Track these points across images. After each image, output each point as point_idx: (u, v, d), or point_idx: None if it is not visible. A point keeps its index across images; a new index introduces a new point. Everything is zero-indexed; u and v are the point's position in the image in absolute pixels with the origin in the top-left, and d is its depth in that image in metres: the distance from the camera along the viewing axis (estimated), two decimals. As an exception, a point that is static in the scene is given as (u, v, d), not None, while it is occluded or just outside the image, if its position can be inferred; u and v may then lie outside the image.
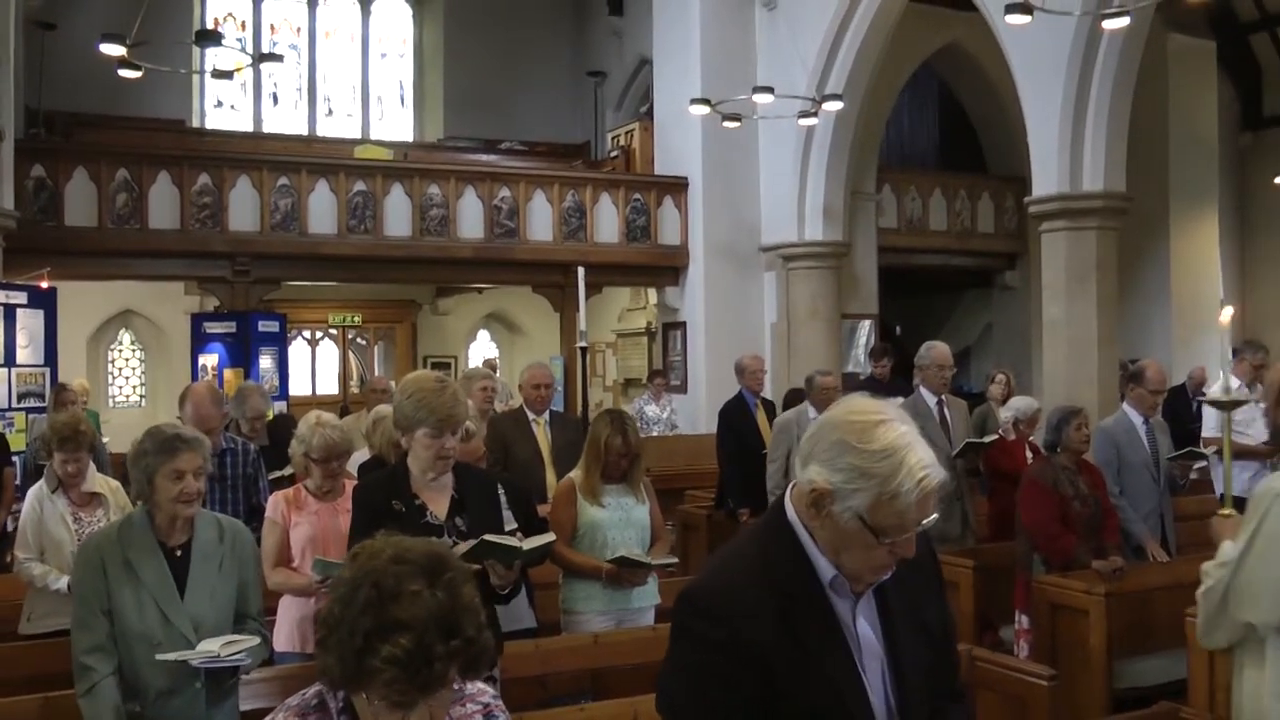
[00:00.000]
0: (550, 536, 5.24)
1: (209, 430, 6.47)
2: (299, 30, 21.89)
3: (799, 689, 2.50)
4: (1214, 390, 4.99)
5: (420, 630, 2.24)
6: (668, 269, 17.20)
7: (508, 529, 4.88)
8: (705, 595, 2.60)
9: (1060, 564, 7.29)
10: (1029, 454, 9.05)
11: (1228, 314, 4.93)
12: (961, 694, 2.93)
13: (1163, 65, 17.83)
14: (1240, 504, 9.34)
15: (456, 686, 2.41)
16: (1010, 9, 10.04)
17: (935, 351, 8.86)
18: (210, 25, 19.92)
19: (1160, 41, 17.09)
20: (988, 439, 9.25)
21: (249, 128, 20.95)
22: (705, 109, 13.93)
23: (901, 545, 2.51)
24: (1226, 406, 4.64)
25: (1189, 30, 18.39)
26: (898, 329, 19.56)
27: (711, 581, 2.66)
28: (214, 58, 17.22)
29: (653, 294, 18.41)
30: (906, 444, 2.48)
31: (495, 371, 16.58)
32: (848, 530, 2.50)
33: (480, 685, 2.65)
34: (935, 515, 2.55)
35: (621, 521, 6.13)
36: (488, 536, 4.57)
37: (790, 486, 2.66)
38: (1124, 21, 10.82)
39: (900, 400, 9.09)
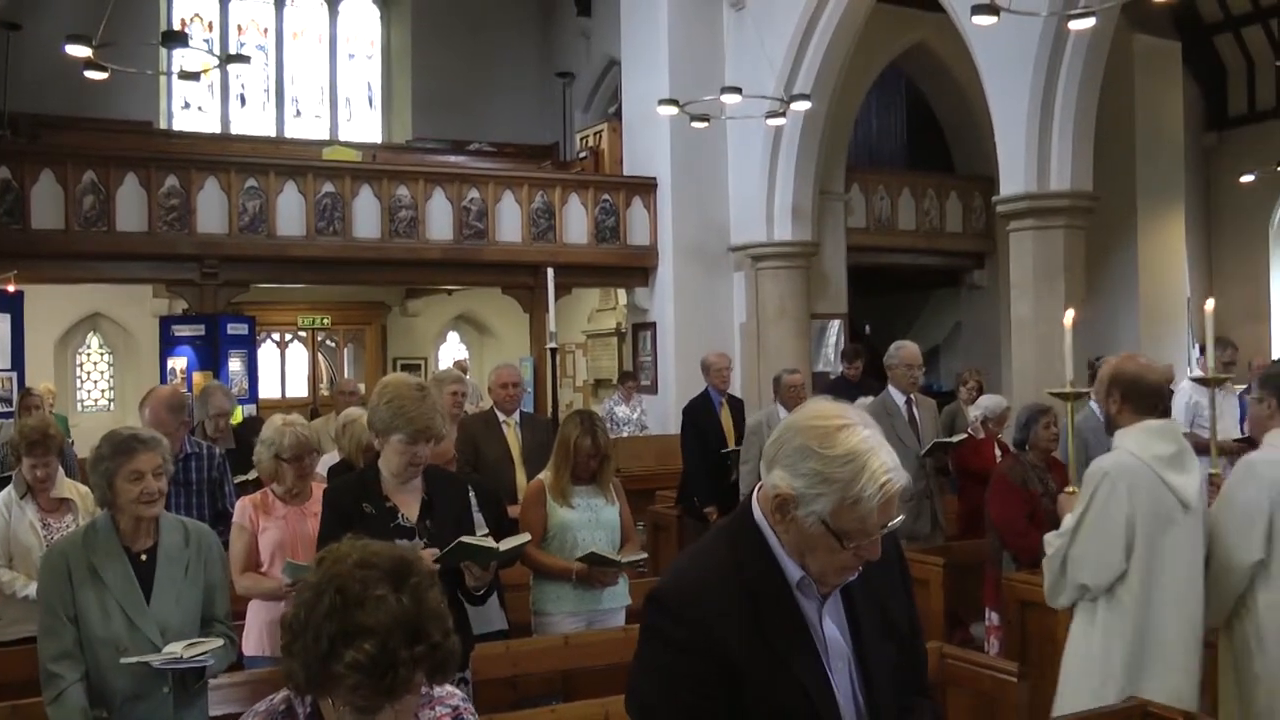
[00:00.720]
0: (525, 537, 5.25)
1: (167, 434, 6.46)
2: (266, 31, 21.77)
3: (767, 690, 2.51)
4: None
5: (384, 636, 2.24)
6: (637, 269, 17.20)
7: (479, 531, 4.88)
8: (674, 596, 2.61)
9: (1030, 561, 7.30)
10: (998, 452, 9.10)
11: (1210, 304, 5.39)
12: (929, 690, 2.95)
13: (1128, 66, 17.93)
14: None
15: (425, 690, 2.41)
16: (977, 10, 10.07)
17: (904, 351, 8.90)
18: (177, 26, 19.80)
19: (1126, 42, 17.18)
20: (956, 438, 9.28)
21: (216, 129, 20.85)
22: (673, 110, 13.91)
23: (866, 548, 2.52)
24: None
25: (1154, 31, 18.50)
26: (867, 328, 19.61)
27: (680, 582, 2.66)
28: (181, 59, 17.09)
29: (622, 294, 18.41)
30: (869, 449, 2.49)
31: (465, 373, 16.55)
32: (812, 534, 2.52)
33: (449, 688, 2.65)
34: (900, 518, 2.57)
35: (591, 522, 6.14)
36: (464, 539, 4.58)
37: (756, 488, 2.67)
38: (1090, 22, 10.88)
39: (868, 399, 9.15)
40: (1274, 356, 16.62)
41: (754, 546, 2.60)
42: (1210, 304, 5.32)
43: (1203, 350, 10.60)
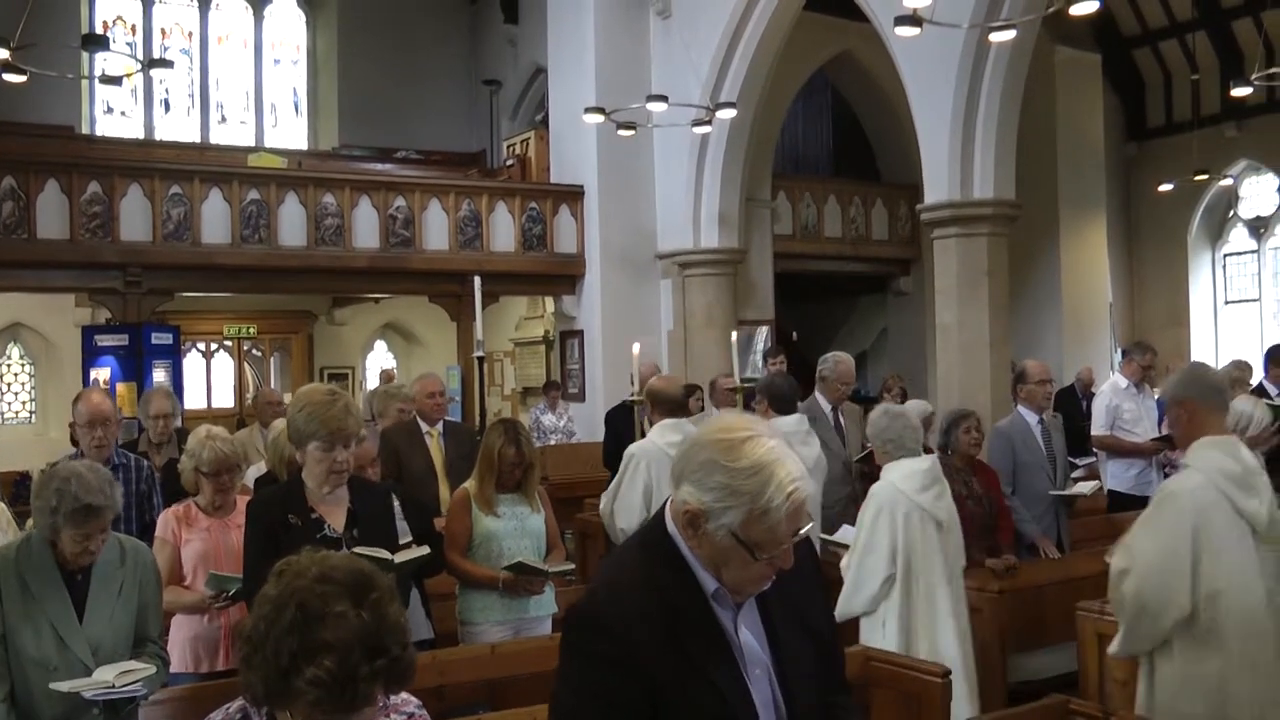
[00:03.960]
0: (425, 550, 5.23)
1: (103, 420, 6.44)
2: (190, 35, 21.47)
3: (687, 701, 2.52)
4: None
5: (345, 652, 2.24)
6: (564, 277, 17.17)
7: (403, 541, 4.87)
8: (592, 611, 2.62)
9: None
10: (922, 457, 9.15)
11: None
12: (848, 688, 2.97)
13: (1050, 77, 18.23)
14: (1123, 500, 9.54)
15: (381, 700, 2.41)
16: (900, 20, 10.16)
17: (841, 367, 8.95)
18: (99, 29, 19.54)
19: (1047, 54, 17.46)
20: None
21: (140, 135, 20.54)
22: (599, 118, 13.90)
23: (779, 557, 2.54)
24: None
25: (1075, 44, 18.82)
26: (794, 335, 19.71)
27: (599, 597, 2.67)
28: (103, 62, 16.86)
29: (550, 302, 18.39)
30: (775, 458, 2.51)
31: (391, 383, 16.48)
32: (723, 547, 2.53)
33: (404, 695, 2.66)
34: (811, 525, 2.59)
35: (517, 531, 6.13)
36: (358, 549, 4.55)
37: (667, 501, 2.68)
38: (1010, 34, 11.01)
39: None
40: (1193, 359, 16.88)
41: (669, 560, 2.61)
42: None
43: (1125, 354, 10.75)
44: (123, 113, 20.68)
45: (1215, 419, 4.89)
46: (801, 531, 2.55)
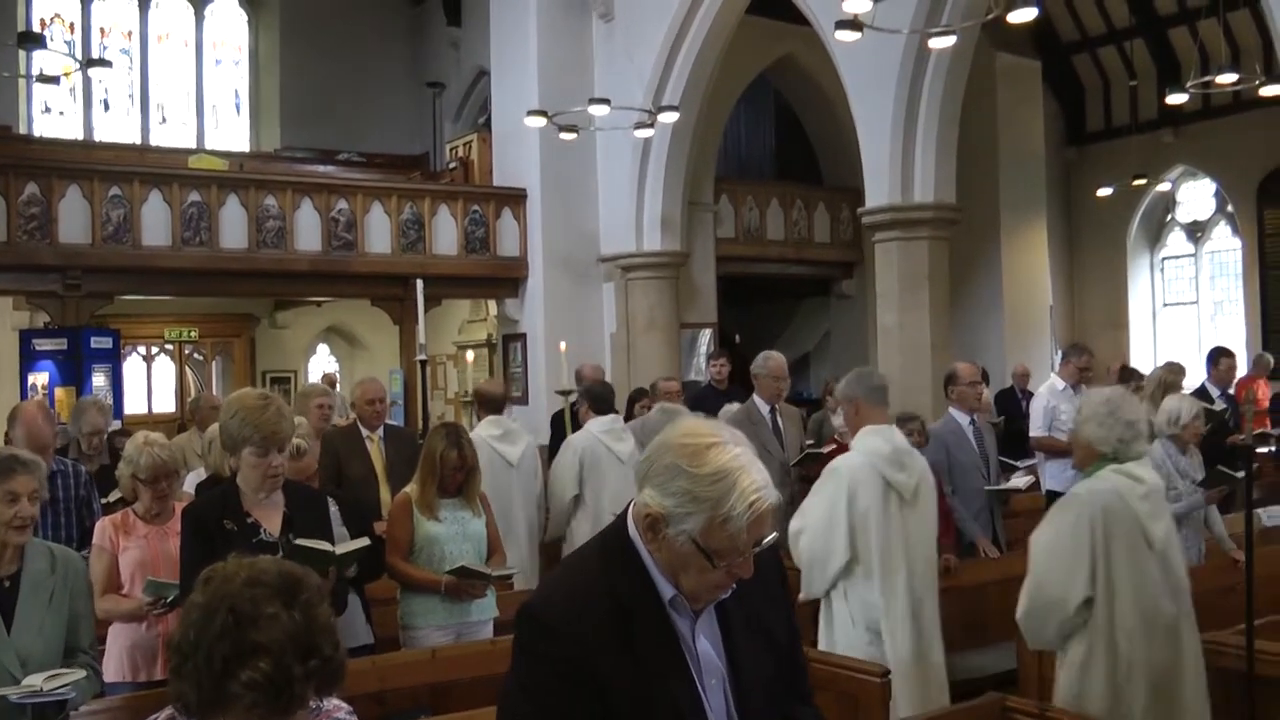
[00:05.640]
0: (363, 541, 5.22)
1: (42, 449, 6.30)
2: (130, 34, 21.20)
3: (638, 708, 2.51)
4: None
5: (279, 653, 2.22)
6: (507, 280, 17.13)
7: (339, 547, 4.85)
8: (545, 612, 2.59)
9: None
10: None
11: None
12: (810, 696, 2.95)
13: (991, 83, 18.38)
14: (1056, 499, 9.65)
15: (313, 705, 2.40)
16: (840, 25, 10.18)
17: (771, 363, 9.00)
18: (36, 26, 19.27)
19: (988, 60, 17.60)
20: (828, 449, 9.42)
21: (79, 135, 20.29)
22: (542, 121, 13.86)
23: (738, 566, 2.52)
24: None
25: (1015, 50, 19.00)
26: (737, 338, 19.75)
27: (553, 598, 2.65)
28: (40, 61, 16.65)
29: (493, 306, 18.35)
30: (739, 466, 2.49)
31: (335, 386, 16.42)
32: (683, 553, 2.51)
33: (336, 701, 2.63)
34: (774, 535, 2.57)
35: (458, 535, 6.13)
36: (299, 541, 4.53)
37: (630, 505, 2.66)
38: (950, 40, 11.09)
39: (734, 406, 9.25)
40: (1131, 362, 17.06)
41: (627, 563, 2.59)
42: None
43: (1063, 356, 10.89)
44: (61, 113, 20.42)
45: (876, 412, 6.19)
46: (764, 541, 2.54)
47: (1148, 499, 4.86)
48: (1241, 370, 17.76)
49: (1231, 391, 11.39)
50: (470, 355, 18.09)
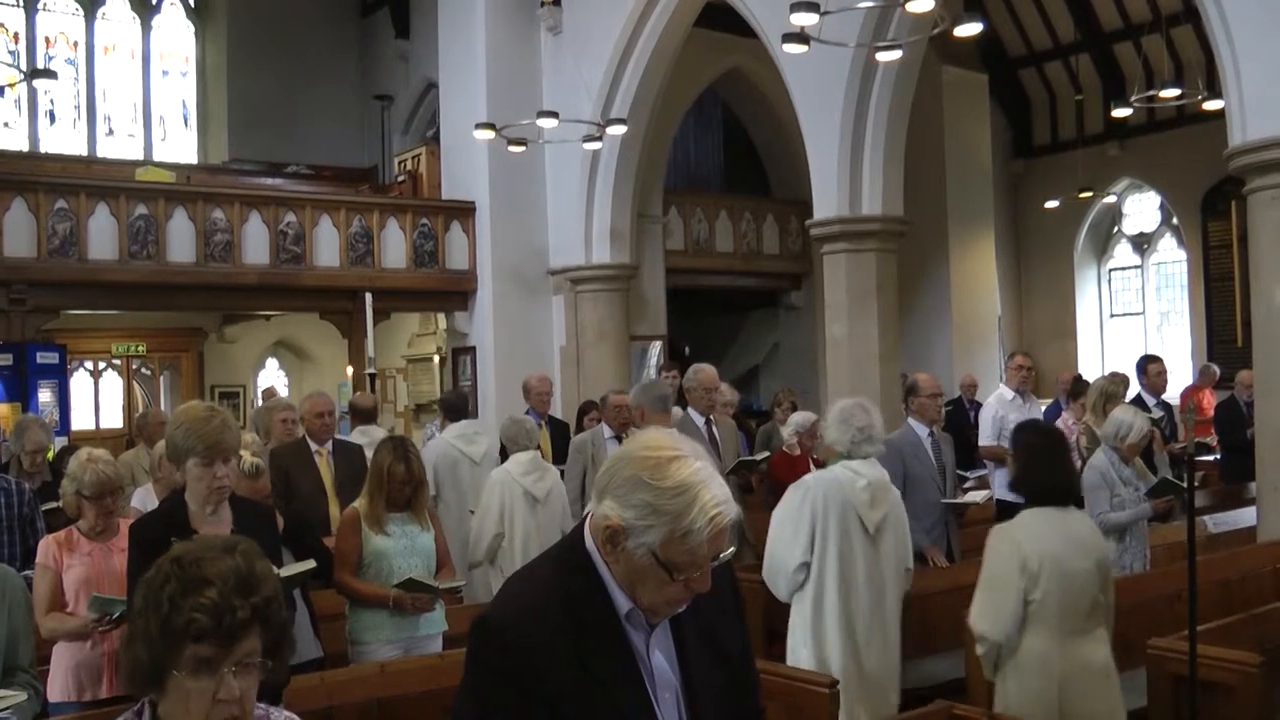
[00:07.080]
0: (309, 563, 5.20)
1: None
2: (76, 45, 20.92)
3: None
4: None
5: (222, 584, 2.30)
6: (456, 294, 17.10)
7: (285, 561, 4.83)
8: (498, 623, 2.58)
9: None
10: (812, 466, 9.26)
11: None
12: (762, 713, 2.94)
13: (938, 96, 18.53)
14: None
15: (262, 709, 2.42)
16: (787, 38, 10.22)
17: (702, 375, 9.05)
18: (-21, 38, 19.15)
19: (935, 74, 17.74)
20: (760, 456, 9.52)
21: (24, 147, 20.03)
22: (490, 134, 13.85)
23: (696, 580, 2.51)
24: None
25: (962, 64, 19.17)
26: (686, 349, 19.77)
27: (506, 610, 2.63)
28: (-16, 72, 16.51)
29: (442, 319, 18.30)
30: (700, 480, 2.48)
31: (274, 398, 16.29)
32: (641, 566, 2.50)
33: (286, 713, 2.65)
34: (732, 549, 2.57)
35: (407, 550, 6.11)
36: None
37: (587, 516, 2.65)
38: (897, 54, 11.18)
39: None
40: (1079, 371, 17.19)
41: (583, 576, 2.58)
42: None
43: (1009, 360, 11.03)
44: (5, 124, 20.14)
45: (660, 419, 7.85)
46: (722, 556, 2.54)
47: (867, 490, 6.01)
48: (1188, 380, 18.00)
49: (1170, 399, 11.50)
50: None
